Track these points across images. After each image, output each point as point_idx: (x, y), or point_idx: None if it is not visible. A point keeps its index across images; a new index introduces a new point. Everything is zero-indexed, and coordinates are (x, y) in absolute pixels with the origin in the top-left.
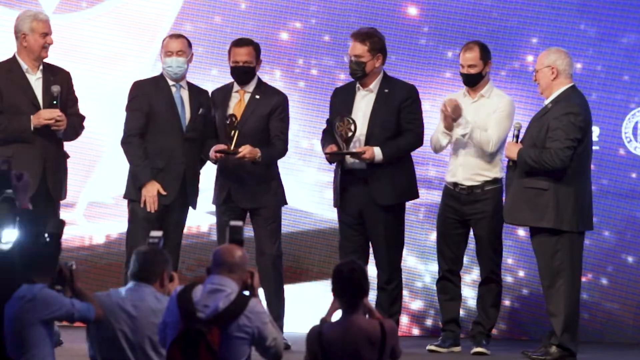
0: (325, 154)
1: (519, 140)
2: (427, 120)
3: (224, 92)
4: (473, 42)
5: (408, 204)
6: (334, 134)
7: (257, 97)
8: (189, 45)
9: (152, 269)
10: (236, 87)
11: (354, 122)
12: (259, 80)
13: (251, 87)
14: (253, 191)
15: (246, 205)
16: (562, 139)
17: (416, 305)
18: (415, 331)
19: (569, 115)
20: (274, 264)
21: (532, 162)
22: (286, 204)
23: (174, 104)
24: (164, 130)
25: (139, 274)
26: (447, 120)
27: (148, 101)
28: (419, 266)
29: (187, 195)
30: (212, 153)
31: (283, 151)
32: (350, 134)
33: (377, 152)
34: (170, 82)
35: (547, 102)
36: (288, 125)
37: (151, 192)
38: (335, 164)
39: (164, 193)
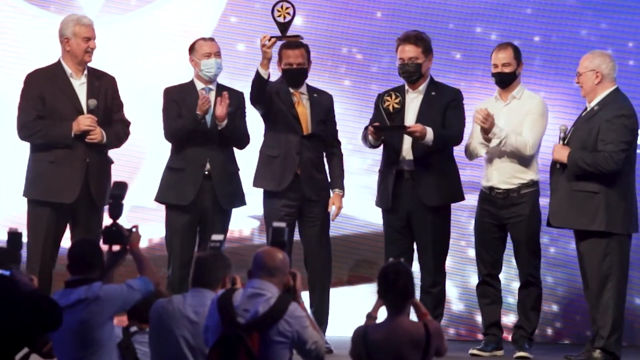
0: (372, 127)
1: (565, 142)
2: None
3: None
4: (505, 43)
5: (453, 207)
6: (380, 109)
7: (315, 95)
8: None
9: (212, 275)
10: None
11: (401, 96)
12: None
13: (304, 88)
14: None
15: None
16: (616, 141)
17: (459, 308)
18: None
19: (621, 117)
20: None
21: (586, 166)
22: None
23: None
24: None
25: (199, 279)
26: (484, 132)
27: (177, 107)
28: (464, 269)
29: (218, 196)
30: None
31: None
32: (398, 107)
33: (429, 130)
34: (201, 85)
35: (592, 104)
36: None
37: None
38: (380, 165)
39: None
